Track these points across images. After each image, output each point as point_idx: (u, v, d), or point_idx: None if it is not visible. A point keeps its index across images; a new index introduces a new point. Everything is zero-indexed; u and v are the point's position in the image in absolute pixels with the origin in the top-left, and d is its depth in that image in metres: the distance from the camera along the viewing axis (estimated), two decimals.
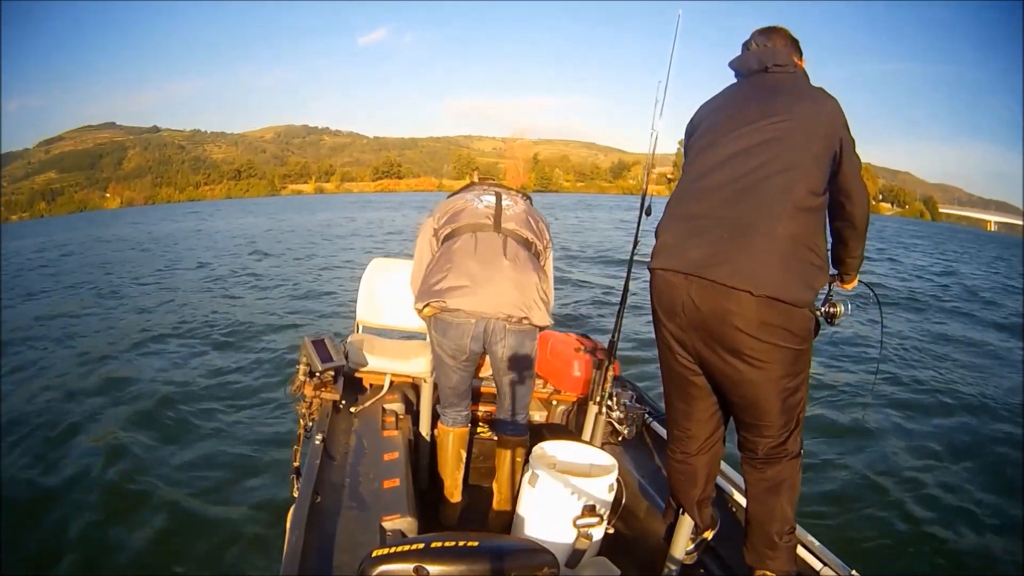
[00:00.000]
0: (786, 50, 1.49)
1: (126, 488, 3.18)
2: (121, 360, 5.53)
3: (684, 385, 1.49)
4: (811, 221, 1.32)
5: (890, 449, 4.02)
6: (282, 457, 3.40)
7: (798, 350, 1.32)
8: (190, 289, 9.32)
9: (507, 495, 2.07)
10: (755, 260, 1.26)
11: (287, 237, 18.11)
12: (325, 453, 1.81)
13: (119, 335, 6.45)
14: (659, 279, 1.41)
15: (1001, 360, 6.70)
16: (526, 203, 2.05)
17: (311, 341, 2.14)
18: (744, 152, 1.35)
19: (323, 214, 30.24)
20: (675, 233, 1.41)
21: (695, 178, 1.43)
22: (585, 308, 7.82)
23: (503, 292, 1.81)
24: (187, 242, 17.40)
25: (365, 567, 0.84)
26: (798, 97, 1.38)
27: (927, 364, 6.25)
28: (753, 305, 1.26)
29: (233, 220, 27.17)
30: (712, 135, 1.43)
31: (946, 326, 8.31)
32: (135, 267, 12.19)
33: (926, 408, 4.87)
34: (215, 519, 2.90)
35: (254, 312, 7.48)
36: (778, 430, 1.39)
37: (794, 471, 1.44)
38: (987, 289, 12.28)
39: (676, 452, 1.59)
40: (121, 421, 4.04)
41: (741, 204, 1.31)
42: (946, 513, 3.27)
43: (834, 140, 1.33)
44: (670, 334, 1.43)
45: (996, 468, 3.83)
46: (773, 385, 1.33)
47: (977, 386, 5.58)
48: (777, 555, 1.45)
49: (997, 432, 4.45)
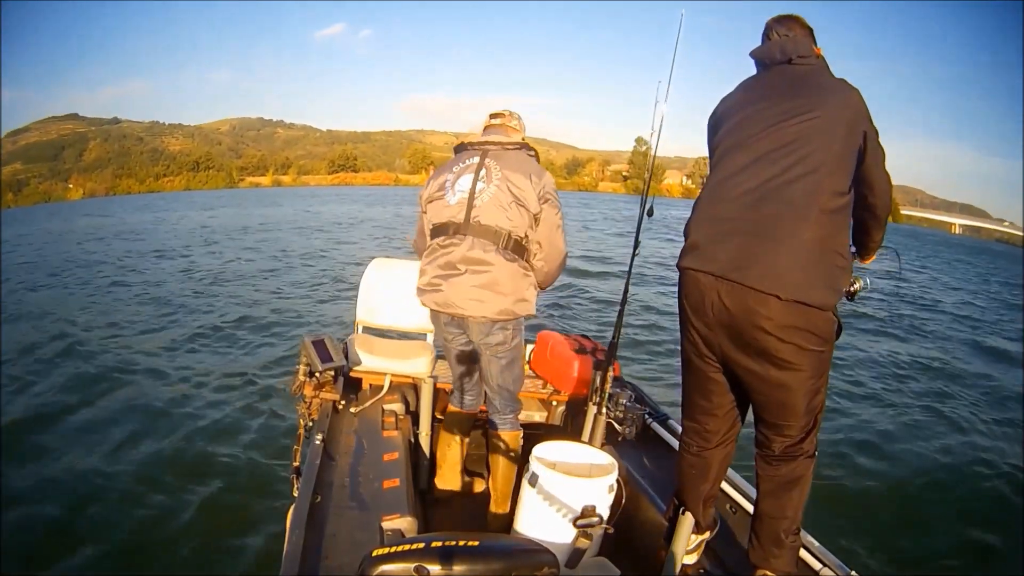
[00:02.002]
0: (806, 40, 1.49)
1: (124, 488, 3.18)
2: (119, 360, 5.52)
3: (705, 382, 1.51)
4: (836, 222, 1.34)
5: (890, 449, 4.02)
6: (282, 457, 3.40)
7: (821, 351, 1.35)
8: (179, 285, 9.25)
9: (503, 492, 2.08)
10: (782, 264, 1.29)
11: (272, 231, 17.85)
12: (325, 453, 1.81)
13: (114, 334, 6.44)
14: (689, 278, 1.44)
15: (1000, 360, 6.71)
16: (508, 170, 1.88)
17: (311, 341, 2.15)
18: (771, 153, 1.36)
19: (291, 207, 29.75)
20: (704, 234, 1.43)
21: (724, 178, 1.43)
22: (585, 308, 7.82)
23: (465, 295, 1.88)
24: (170, 236, 16.99)
25: (365, 567, 0.84)
26: (823, 92, 1.38)
27: (930, 365, 6.26)
28: (780, 308, 1.28)
29: (203, 212, 26.46)
30: (739, 134, 1.44)
31: (942, 327, 8.32)
32: (113, 261, 12.07)
33: (923, 404, 4.88)
34: (215, 519, 2.90)
35: (253, 312, 7.47)
36: (798, 430, 1.41)
37: (807, 470, 1.46)
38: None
39: (691, 446, 1.60)
40: (120, 421, 4.04)
41: (768, 208, 1.33)
42: (946, 513, 3.28)
43: (858, 134, 1.35)
44: (696, 331, 1.45)
45: (996, 468, 3.83)
46: (798, 386, 1.36)
47: (974, 388, 5.59)
48: (782, 554, 1.46)
49: (997, 432, 4.45)
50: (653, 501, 1.87)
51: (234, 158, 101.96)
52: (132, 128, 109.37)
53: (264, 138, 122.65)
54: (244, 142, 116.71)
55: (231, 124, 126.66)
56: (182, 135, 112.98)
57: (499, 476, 2.08)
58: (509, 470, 2.07)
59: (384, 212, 27.05)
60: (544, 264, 1.94)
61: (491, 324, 1.89)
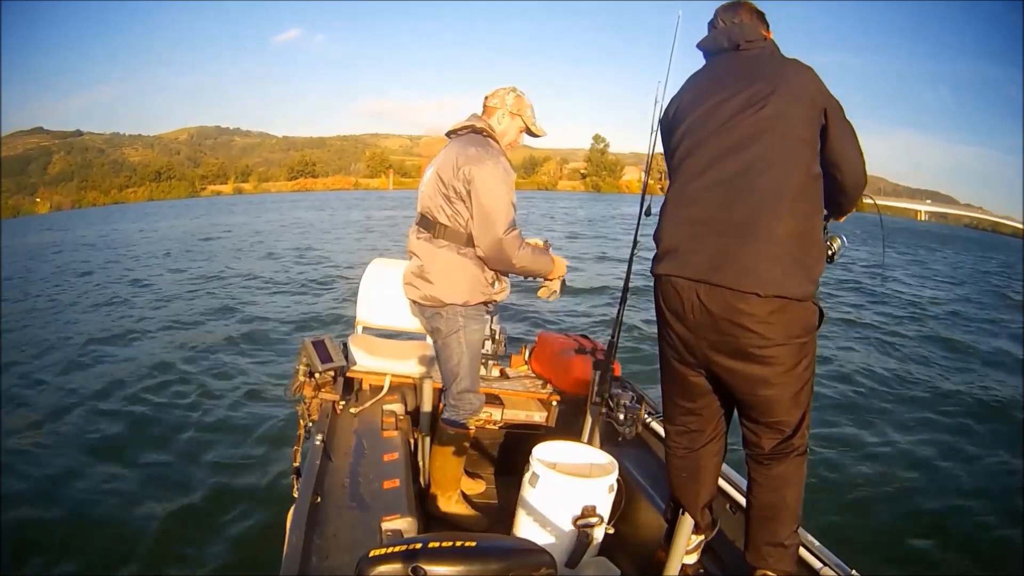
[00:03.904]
0: (753, 24, 1.46)
1: (124, 489, 3.19)
2: (115, 359, 5.54)
3: (688, 384, 1.50)
4: (808, 208, 1.33)
5: (889, 448, 4.01)
6: (282, 457, 3.41)
7: (805, 342, 1.34)
8: (175, 288, 9.29)
9: (439, 482, 2.08)
10: (759, 262, 1.28)
11: (255, 236, 17.86)
12: (325, 453, 1.81)
13: (110, 335, 6.46)
14: (665, 283, 1.42)
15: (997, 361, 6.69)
16: (445, 157, 1.90)
17: (311, 342, 2.15)
18: (733, 150, 1.34)
19: (270, 215, 29.30)
20: (676, 238, 1.41)
21: (688, 180, 1.41)
22: (585, 308, 7.82)
23: (407, 280, 2.00)
24: (149, 244, 17.03)
25: (363, 567, 0.84)
26: (775, 75, 1.35)
27: (917, 358, 6.24)
28: (761, 305, 1.28)
29: (186, 222, 26.42)
30: (697, 134, 1.42)
31: (940, 324, 8.30)
32: (106, 266, 12.10)
33: (923, 405, 4.87)
34: (215, 519, 2.91)
35: (253, 311, 7.48)
36: (787, 426, 1.39)
37: (800, 468, 1.43)
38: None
39: (678, 448, 1.58)
40: (118, 421, 4.05)
41: (739, 206, 1.31)
42: (946, 513, 3.27)
43: (818, 112, 1.32)
44: (676, 335, 1.43)
45: (996, 467, 3.82)
46: (784, 380, 1.35)
47: (970, 380, 5.58)
48: (780, 554, 1.43)
49: (996, 431, 4.44)
50: (653, 501, 1.87)
51: (192, 167, 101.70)
52: (94, 140, 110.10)
53: (221, 146, 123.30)
54: (202, 151, 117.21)
55: (189, 133, 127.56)
56: (142, 145, 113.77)
57: (436, 474, 2.09)
58: (444, 461, 2.06)
59: (358, 215, 26.79)
60: (481, 251, 1.88)
61: (421, 309, 1.99)
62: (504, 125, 2.00)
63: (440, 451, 2.06)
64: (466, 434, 2.06)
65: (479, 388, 2.10)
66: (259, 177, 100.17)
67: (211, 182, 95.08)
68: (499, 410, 2.40)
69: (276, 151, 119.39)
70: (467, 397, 2.04)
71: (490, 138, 1.95)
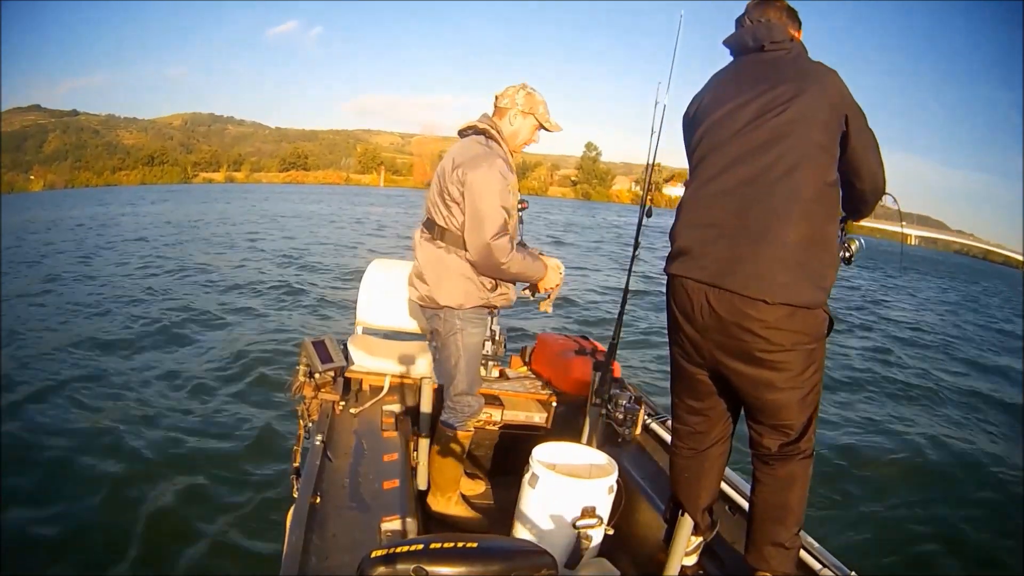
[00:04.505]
0: (782, 24, 1.44)
1: (123, 489, 3.18)
2: (114, 360, 5.53)
3: (696, 384, 1.50)
4: (822, 214, 1.32)
5: (888, 447, 4.02)
6: (282, 457, 3.40)
7: (813, 348, 1.34)
8: (170, 286, 9.23)
9: (439, 484, 2.09)
10: (768, 268, 1.28)
11: (259, 230, 17.77)
12: (325, 454, 1.81)
13: (113, 335, 6.45)
14: (677, 283, 1.43)
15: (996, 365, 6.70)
16: (447, 159, 1.90)
17: (311, 342, 2.15)
18: (750, 153, 1.34)
19: (272, 205, 29.07)
20: (689, 239, 1.42)
21: (703, 183, 1.41)
22: (584, 308, 7.82)
23: (410, 282, 2.03)
24: (143, 230, 16.75)
25: (364, 568, 0.84)
26: (798, 79, 1.34)
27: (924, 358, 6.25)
28: (770, 311, 1.28)
29: (180, 207, 26.10)
30: (716, 136, 1.42)
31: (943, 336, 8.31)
32: (91, 255, 12.02)
33: (923, 404, 4.88)
34: (214, 519, 2.90)
35: (252, 311, 7.48)
36: (794, 429, 1.40)
37: (806, 470, 1.43)
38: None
39: (684, 448, 1.59)
40: (119, 422, 4.04)
41: (752, 211, 1.32)
42: (946, 513, 3.27)
43: (839, 119, 1.32)
44: (686, 336, 1.44)
45: (995, 468, 3.83)
46: (791, 385, 1.35)
47: (974, 387, 5.59)
48: (781, 556, 1.43)
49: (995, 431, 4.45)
50: (652, 502, 1.87)
51: (185, 153, 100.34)
52: (89, 121, 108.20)
53: (215, 134, 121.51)
54: (195, 137, 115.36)
55: (183, 119, 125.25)
56: (136, 129, 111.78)
57: (436, 475, 2.10)
58: (443, 462, 2.06)
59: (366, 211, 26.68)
60: (470, 255, 1.85)
61: (420, 309, 2.01)
62: (517, 125, 1.96)
63: (439, 452, 2.06)
64: (465, 436, 2.06)
65: (478, 390, 2.09)
66: (251, 167, 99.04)
67: (203, 169, 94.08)
68: (499, 411, 2.40)
69: (268, 141, 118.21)
70: (464, 400, 2.02)
71: (493, 139, 1.93)
